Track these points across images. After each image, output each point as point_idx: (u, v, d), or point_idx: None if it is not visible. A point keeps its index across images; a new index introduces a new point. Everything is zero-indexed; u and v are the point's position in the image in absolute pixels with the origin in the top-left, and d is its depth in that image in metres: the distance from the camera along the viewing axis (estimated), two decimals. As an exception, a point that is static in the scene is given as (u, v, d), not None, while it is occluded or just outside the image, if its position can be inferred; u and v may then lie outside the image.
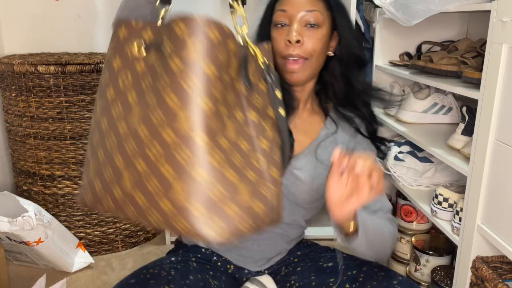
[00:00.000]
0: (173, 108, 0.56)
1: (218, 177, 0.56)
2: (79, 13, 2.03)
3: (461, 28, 1.76)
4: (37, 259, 1.70)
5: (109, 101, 0.62)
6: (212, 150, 0.56)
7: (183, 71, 0.57)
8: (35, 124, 1.74)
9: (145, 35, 0.63)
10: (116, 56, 0.64)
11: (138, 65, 0.62)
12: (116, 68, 0.63)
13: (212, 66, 0.58)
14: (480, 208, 1.10)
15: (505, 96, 1.01)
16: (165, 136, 0.56)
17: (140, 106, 0.59)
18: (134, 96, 0.61)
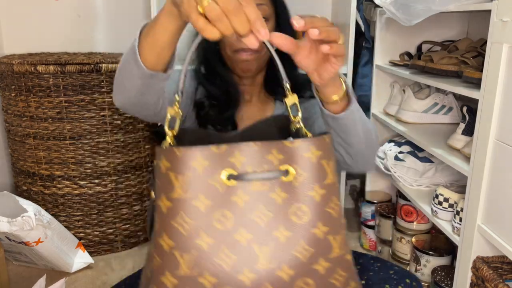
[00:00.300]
0: (319, 235, 0.54)
1: None
2: (78, 13, 2.03)
3: (461, 28, 1.76)
4: (37, 259, 1.70)
5: (206, 250, 0.51)
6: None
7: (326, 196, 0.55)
8: (35, 124, 1.73)
9: (233, 160, 0.53)
10: (198, 194, 0.52)
11: (237, 197, 0.53)
12: (204, 209, 0.52)
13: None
14: (481, 208, 1.10)
15: (506, 96, 1.01)
16: (317, 267, 0.54)
17: (262, 243, 0.53)
18: (246, 235, 0.52)
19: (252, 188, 0.53)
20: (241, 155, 0.53)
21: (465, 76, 1.21)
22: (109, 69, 1.70)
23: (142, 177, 1.89)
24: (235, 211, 0.52)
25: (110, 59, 1.72)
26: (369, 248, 1.92)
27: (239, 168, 0.53)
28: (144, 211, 1.95)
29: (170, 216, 0.52)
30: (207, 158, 0.52)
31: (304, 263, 0.53)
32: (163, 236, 0.52)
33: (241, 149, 0.53)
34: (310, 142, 0.55)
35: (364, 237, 1.93)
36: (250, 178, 0.53)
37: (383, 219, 1.78)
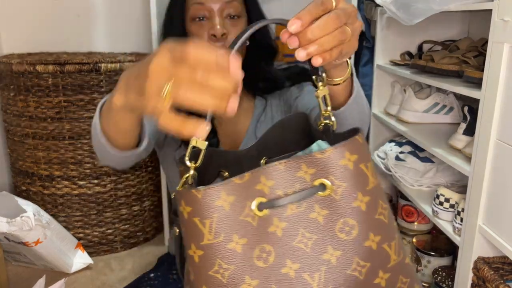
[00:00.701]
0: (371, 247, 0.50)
1: None
2: (78, 12, 2.02)
3: (462, 28, 1.75)
4: (36, 259, 1.69)
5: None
6: None
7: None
8: (34, 124, 1.73)
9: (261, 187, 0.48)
10: (231, 235, 0.46)
11: (273, 227, 0.48)
12: (241, 250, 0.46)
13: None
14: (482, 209, 1.09)
15: (507, 95, 1.00)
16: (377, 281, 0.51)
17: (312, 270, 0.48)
18: (293, 266, 0.48)
19: (287, 213, 0.48)
20: (267, 179, 0.48)
21: (466, 75, 1.21)
22: (108, 68, 1.70)
23: (141, 177, 1.89)
24: (275, 242, 0.47)
25: (110, 59, 1.72)
26: (370, 248, 1.92)
27: (268, 194, 0.48)
28: (144, 211, 1.95)
29: (206, 266, 0.46)
30: (231, 192, 0.46)
31: (362, 281, 0.49)
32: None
33: (266, 172, 0.48)
34: (343, 147, 0.49)
35: (365, 238, 1.93)
36: (282, 202, 0.48)
37: (384, 219, 1.77)
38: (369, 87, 1.92)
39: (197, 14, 0.94)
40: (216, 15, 0.93)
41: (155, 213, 2.01)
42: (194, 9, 0.94)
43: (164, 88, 0.42)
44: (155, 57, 0.44)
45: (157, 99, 0.43)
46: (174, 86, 0.42)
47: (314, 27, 0.48)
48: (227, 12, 0.94)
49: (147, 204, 1.95)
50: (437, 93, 1.63)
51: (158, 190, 1.98)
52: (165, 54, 0.43)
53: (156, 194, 1.98)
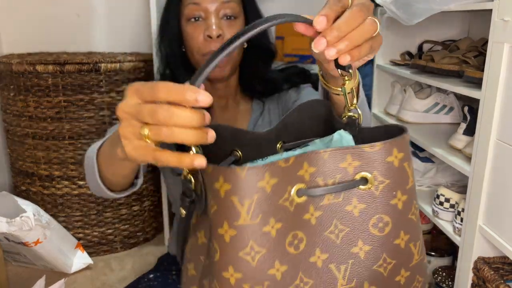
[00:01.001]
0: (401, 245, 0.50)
1: None
2: (78, 12, 2.02)
3: (462, 27, 1.75)
4: (36, 260, 1.69)
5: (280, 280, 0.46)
6: None
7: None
8: (34, 124, 1.73)
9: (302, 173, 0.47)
10: (269, 218, 0.44)
11: (308, 214, 0.47)
12: (275, 234, 0.45)
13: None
14: (482, 209, 1.09)
15: (507, 95, 1.00)
16: (398, 279, 0.52)
17: (340, 262, 0.48)
18: (321, 256, 0.48)
19: (324, 202, 0.47)
20: (310, 165, 0.46)
21: (466, 75, 1.21)
22: (108, 68, 1.69)
23: (141, 177, 1.89)
24: (308, 230, 0.47)
25: (110, 59, 1.72)
26: (370, 248, 1.92)
27: (308, 181, 0.46)
28: (144, 211, 1.94)
29: (237, 247, 0.44)
30: (275, 175, 0.44)
31: (385, 277, 0.50)
32: (228, 269, 0.45)
33: (309, 158, 0.46)
34: (393, 144, 0.48)
35: (365, 238, 1.93)
36: (321, 192, 0.47)
37: (384, 219, 1.77)
38: (369, 87, 1.92)
39: (192, 14, 0.92)
40: (212, 16, 0.91)
41: (155, 213, 2.01)
42: (189, 9, 0.92)
43: (142, 131, 0.42)
44: (121, 102, 0.43)
45: (137, 143, 0.43)
46: (151, 129, 0.41)
47: (340, 23, 0.46)
48: (224, 13, 0.92)
49: (147, 204, 1.95)
50: (437, 93, 1.63)
51: (158, 190, 1.98)
52: (132, 97, 0.43)
53: (156, 194, 1.98)
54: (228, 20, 0.93)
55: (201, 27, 0.92)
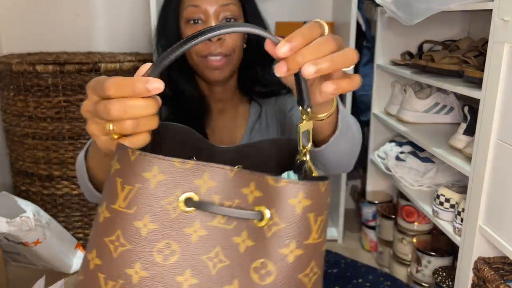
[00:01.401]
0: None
1: None
2: (77, 12, 2.02)
3: (462, 27, 1.75)
4: (36, 260, 1.69)
5: (136, 284, 0.42)
6: None
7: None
8: (34, 124, 1.73)
9: (200, 183, 0.43)
10: (144, 214, 0.42)
11: (191, 230, 0.43)
12: (147, 234, 0.42)
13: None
14: (482, 209, 1.09)
15: (507, 95, 1.00)
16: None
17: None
18: (190, 280, 0.43)
19: (213, 223, 0.43)
20: (210, 178, 0.42)
21: (466, 75, 1.20)
22: (108, 68, 1.69)
23: (141, 177, 1.89)
24: (185, 246, 0.42)
25: (109, 59, 1.72)
26: (370, 249, 1.91)
27: (203, 194, 0.42)
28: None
29: (105, 231, 0.42)
30: (165, 171, 0.42)
31: None
32: (92, 252, 0.43)
33: (213, 171, 0.43)
34: (300, 186, 0.42)
35: (365, 238, 1.92)
36: (214, 210, 0.42)
37: (384, 219, 1.77)
38: (369, 87, 1.91)
39: (192, 16, 0.91)
40: (212, 18, 0.90)
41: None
42: (189, 11, 0.91)
43: (107, 126, 0.44)
44: (84, 101, 0.47)
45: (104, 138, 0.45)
46: (115, 124, 0.43)
47: (305, 50, 0.44)
48: (223, 15, 0.91)
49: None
50: (437, 93, 1.62)
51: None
52: (90, 95, 0.45)
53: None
54: (228, 23, 0.92)
55: (201, 29, 0.92)
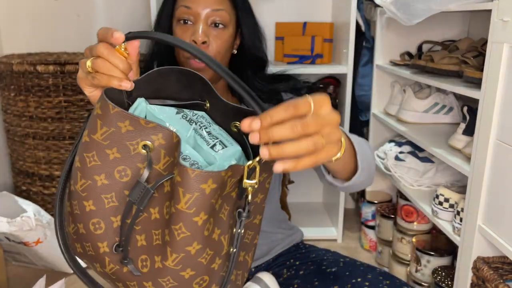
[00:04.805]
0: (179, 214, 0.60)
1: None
2: (78, 12, 2.02)
3: (462, 28, 1.75)
4: (36, 259, 1.69)
5: (99, 186, 0.60)
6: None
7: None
8: (34, 124, 1.73)
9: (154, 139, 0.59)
10: (113, 146, 0.59)
11: (141, 165, 0.60)
12: (112, 158, 0.59)
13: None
14: (481, 209, 1.10)
15: (506, 95, 1.00)
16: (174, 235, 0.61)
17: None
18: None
19: (155, 166, 0.59)
20: (162, 138, 0.58)
21: (465, 76, 1.21)
22: (108, 69, 1.70)
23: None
24: (135, 174, 0.59)
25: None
26: (370, 248, 1.92)
27: (155, 146, 0.59)
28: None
29: (85, 148, 0.59)
30: (133, 125, 0.58)
31: (151, 246, 0.61)
32: (77, 157, 0.61)
33: (165, 133, 0.58)
34: (179, 165, 0.59)
35: (365, 238, 1.93)
36: (158, 159, 0.59)
37: (384, 219, 1.77)
38: (369, 87, 1.92)
39: (182, 16, 0.93)
40: (201, 21, 0.92)
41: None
42: (180, 12, 0.93)
43: (88, 62, 0.62)
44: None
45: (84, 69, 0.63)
46: (93, 61, 0.61)
47: (275, 128, 0.47)
48: (213, 20, 0.93)
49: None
50: (436, 93, 1.63)
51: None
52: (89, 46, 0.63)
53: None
54: (215, 28, 0.93)
55: (189, 31, 0.93)
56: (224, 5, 0.94)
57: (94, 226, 0.60)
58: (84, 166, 0.60)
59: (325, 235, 1.98)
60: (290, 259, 1.06)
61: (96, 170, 0.59)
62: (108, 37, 0.59)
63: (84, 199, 0.60)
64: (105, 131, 0.58)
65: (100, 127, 0.58)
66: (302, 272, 1.00)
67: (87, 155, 0.59)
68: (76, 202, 0.60)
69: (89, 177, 0.60)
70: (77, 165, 0.61)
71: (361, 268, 0.94)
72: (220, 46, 0.94)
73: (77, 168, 0.60)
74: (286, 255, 1.07)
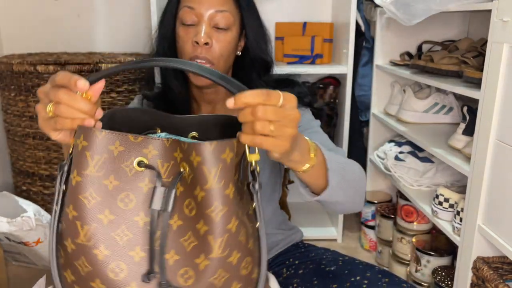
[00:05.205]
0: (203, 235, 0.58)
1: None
2: (78, 12, 2.02)
3: (462, 28, 1.76)
4: (36, 259, 1.69)
5: (106, 225, 0.57)
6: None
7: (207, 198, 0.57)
8: (34, 124, 1.73)
9: (146, 152, 0.59)
10: (109, 175, 0.57)
11: (143, 184, 0.58)
12: (112, 188, 0.57)
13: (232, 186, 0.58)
14: (481, 209, 1.10)
15: (506, 95, 1.01)
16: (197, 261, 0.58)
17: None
18: (144, 218, 0.58)
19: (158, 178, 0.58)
20: (153, 148, 0.58)
21: (465, 76, 1.21)
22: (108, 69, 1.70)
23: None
24: (139, 195, 0.58)
25: (110, 59, 1.72)
26: (370, 248, 1.92)
27: (150, 159, 0.58)
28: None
29: (79, 190, 0.56)
30: (123, 144, 0.57)
31: (187, 253, 0.58)
32: (69, 207, 0.57)
33: (154, 143, 0.58)
34: (192, 147, 0.57)
35: (365, 238, 1.93)
36: (157, 169, 0.58)
37: (384, 219, 1.78)
38: (369, 87, 1.92)
39: (186, 18, 0.92)
40: (204, 23, 0.91)
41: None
42: (184, 12, 0.92)
43: (48, 107, 0.59)
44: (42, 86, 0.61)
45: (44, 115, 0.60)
46: (54, 106, 0.58)
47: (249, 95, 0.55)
48: (216, 21, 0.91)
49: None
50: (436, 93, 1.63)
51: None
52: (49, 82, 0.60)
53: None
54: (219, 30, 0.92)
55: (192, 32, 0.92)
56: (228, 6, 0.92)
57: (114, 272, 0.56)
58: (83, 210, 0.56)
59: (325, 235, 1.98)
60: (289, 258, 1.06)
61: (99, 208, 0.56)
62: (71, 86, 0.57)
63: (93, 247, 0.55)
64: (97, 160, 0.56)
65: (91, 158, 0.56)
66: (302, 271, 1.00)
67: (83, 196, 0.56)
68: (83, 258, 0.56)
69: (93, 219, 0.56)
70: (72, 216, 0.56)
71: (360, 267, 0.93)
72: (223, 48, 0.92)
73: (73, 219, 0.56)
74: (285, 255, 1.07)
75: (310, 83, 2.06)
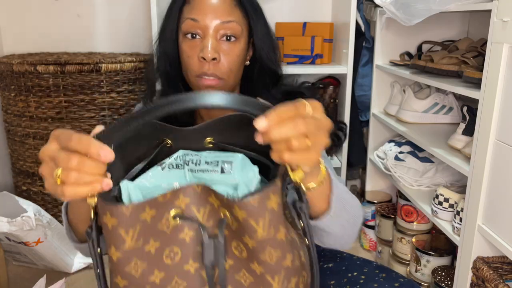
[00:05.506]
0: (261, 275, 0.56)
1: None
2: (78, 12, 2.03)
3: (461, 28, 1.76)
4: (36, 259, 1.69)
5: (159, 284, 0.55)
6: None
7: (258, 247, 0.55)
8: (34, 124, 1.73)
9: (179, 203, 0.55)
10: (149, 240, 0.55)
11: (183, 234, 0.56)
12: (155, 251, 0.55)
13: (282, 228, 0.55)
14: (481, 208, 1.10)
15: (506, 96, 1.01)
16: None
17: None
18: (194, 264, 0.56)
19: (196, 226, 0.56)
20: (184, 196, 0.55)
21: (465, 76, 1.21)
22: (108, 69, 1.70)
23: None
24: (183, 246, 0.56)
25: (110, 59, 1.72)
26: (369, 248, 1.92)
27: (184, 208, 0.55)
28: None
29: (123, 264, 0.54)
30: (153, 207, 0.54)
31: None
32: (117, 278, 0.55)
33: (184, 191, 0.55)
34: (233, 202, 0.53)
35: (364, 237, 1.93)
36: (194, 216, 0.55)
37: (384, 219, 1.78)
38: (369, 87, 1.92)
39: (189, 30, 0.85)
40: (210, 36, 0.84)
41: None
42: (187, 25, 0.86)
43: (55, 172, 0.50)
44: (44, 146, 0.53)
45: (52, 180, 0.52)
46: (63, 172, 0.50)
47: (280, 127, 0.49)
48: (223, 33, 0.85)
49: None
50: (436, 93, 1.63)
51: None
52: (53, 142, 0.53)
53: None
54: (227, 42, 0.86)
55: (197, 46, 0.85)
56: (235, 15, 0.86)
57: None
58: (132, 280, 0.54)
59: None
60: None
61: (148, 272, 0.54)
62: (91, 156, 0.50)
63: None
64: (132, 233, 0.53)
65: (125, 234, 0.53)
66: None
67: (129, 268, 0.54)
68: None
69: (146, 283, 0.55)
70: (123, 285, 0.55)
71: (358, 263, 0.94)
72: (231, 62, 0.86)
73: (125, 287, 0.55)
74: None
75: (310, 83, 2.06)
